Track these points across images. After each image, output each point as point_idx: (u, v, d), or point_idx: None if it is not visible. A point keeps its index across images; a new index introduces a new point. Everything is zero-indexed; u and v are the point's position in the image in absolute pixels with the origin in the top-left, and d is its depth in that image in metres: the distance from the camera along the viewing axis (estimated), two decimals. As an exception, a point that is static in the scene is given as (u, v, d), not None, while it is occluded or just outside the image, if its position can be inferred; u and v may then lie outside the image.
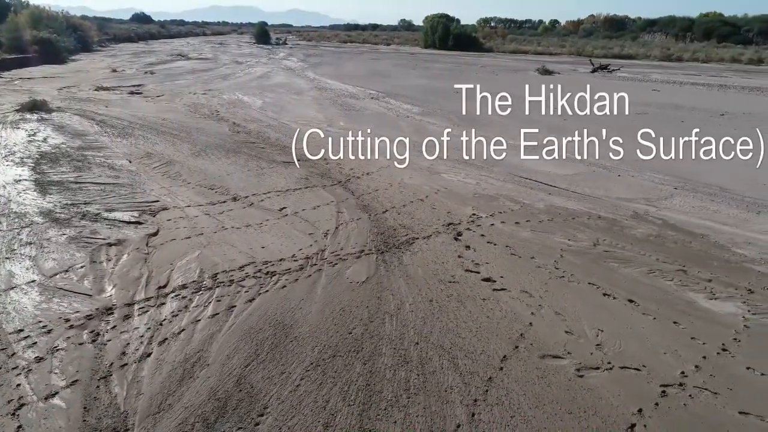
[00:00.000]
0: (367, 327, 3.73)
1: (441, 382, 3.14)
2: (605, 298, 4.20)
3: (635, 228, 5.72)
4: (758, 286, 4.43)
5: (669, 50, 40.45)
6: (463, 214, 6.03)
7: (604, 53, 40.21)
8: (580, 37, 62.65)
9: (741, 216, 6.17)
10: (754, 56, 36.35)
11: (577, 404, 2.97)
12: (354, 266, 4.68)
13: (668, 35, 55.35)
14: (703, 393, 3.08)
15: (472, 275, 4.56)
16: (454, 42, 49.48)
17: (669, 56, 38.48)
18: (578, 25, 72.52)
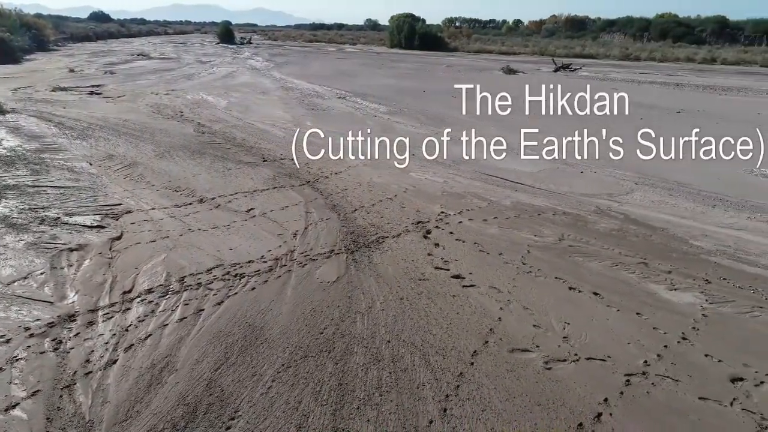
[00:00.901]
0: (338, 326, 3.73)
1: (413, 379, 3.16)
2: (571, 291, 4.30)
3: (598, 223, 5.87)
4: (714, 277, 4.60)
5: (627, 50, 41.62)
6: (431, 212, 6.08)
7: (566, 53, 41.06)
8: (542, 36, 63.83)
9: (698, 209, 6.41)
10: (707, 56, 37.75)
11: (545, 396, 3.03)
12: (324, 266, 4.67)
13: (626, 35, 56.95)
14: (665, 381, 3.19)
15: (442, 272, 4.60)
16: (420, 42, 49.73)
17: (628, 56, 39.59)
18: (541, 25, 73.87)
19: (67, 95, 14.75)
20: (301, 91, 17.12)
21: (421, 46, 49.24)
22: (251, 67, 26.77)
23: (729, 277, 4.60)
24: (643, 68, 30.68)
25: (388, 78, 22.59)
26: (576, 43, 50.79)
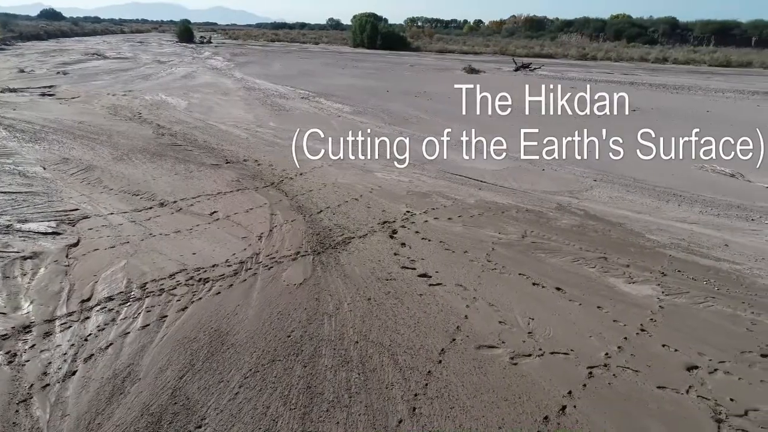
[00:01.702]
0: (305, 329, 3.70)
1: (382, 379, 3.17)
2: (535, 287, 4.39)
3: (560, 219, 6.01)
4: (670, 269, 4.78)
5: (584, 50, 42.76)
6: (397, 212, 6.11)
7: (526, 52, 41.87)
8: (503, 36, 64.87)
9: (653, 204, 6.63)
10: (659, 55, 39.20)
11: (512, 391, 3.09)
12: (290, 269, 4.63)
13: (583, 35, 58.50)
14: (626, 372, 3.30)
15: (409, 272, 4.63)
16: (383, 41, 49.88)
17: (584, 55, 40.68)
18: (501, 25, 75.11)
19: (17, 97, 14.15)
20: (264, 92, 16.92)
21: (384, 45, 49.39)
22: (212, 67, 26.29)
23: (683, 269, 4.78)
24: (599, 67, 31.55)
25: (352, 78, 22.54)
26: (535, 42, 51.89)
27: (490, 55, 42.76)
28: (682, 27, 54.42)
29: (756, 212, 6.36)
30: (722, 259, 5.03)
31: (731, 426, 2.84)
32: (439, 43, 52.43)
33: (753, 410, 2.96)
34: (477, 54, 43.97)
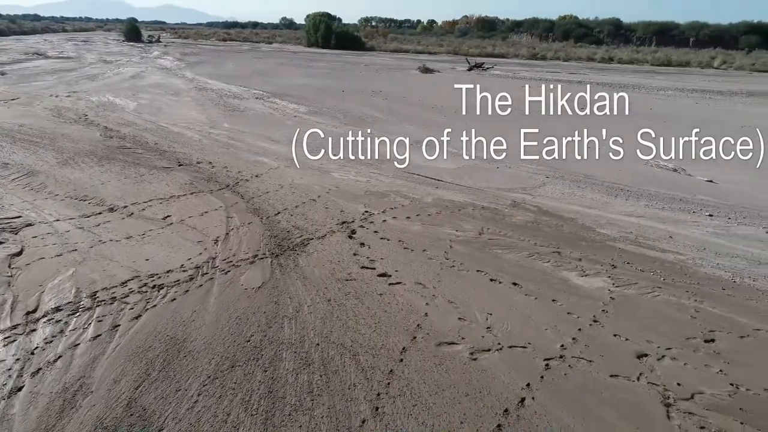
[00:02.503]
0: (265, 333, 3.66)
1: (344, 380, 3.17)
2: (492, 283, 4.48)
3: (515, 216, 6.14)
4: (619, 261, 4.96)
5: (535, 49, 43.88)
6: (356, 212, 6.10)
7: (479, 52, 42.61)
8: (456, 36, 65.84)
9: (603, 199, 6.88)
10: (605, 55, 40.67)
11: (473, 386, 3.14)
12: (248, 272, 4.56)
13: (533, 35, 60.04)
14: (581, 362, 3.41)
15: (368, 271, 4.64)
16: (337, 41, 49.75)
17: (535, 55, 41.73)
18: (454, 25, 76.19)
19: (-50, 98, 13.36)
20: (217, 92, 16.57)
21: (339, 45, 49.28)
22: (161, 66, 25.55)
23: (632, 261, 4.98)
24: (549, 67, 32.43)
25: (307, 77, 22.37)
26: (487, 42, 52.90)
27: (444, 55, 43.29)
28: (626, 28, 56.73)
29: (697, 205, 6.68)
30: (667, 250, 5.26)
31: (679, 409, 2.98)
32: (394, 43, 52.72)
33: (698, 393, 3.12)
34: (431, 54, 44.42)
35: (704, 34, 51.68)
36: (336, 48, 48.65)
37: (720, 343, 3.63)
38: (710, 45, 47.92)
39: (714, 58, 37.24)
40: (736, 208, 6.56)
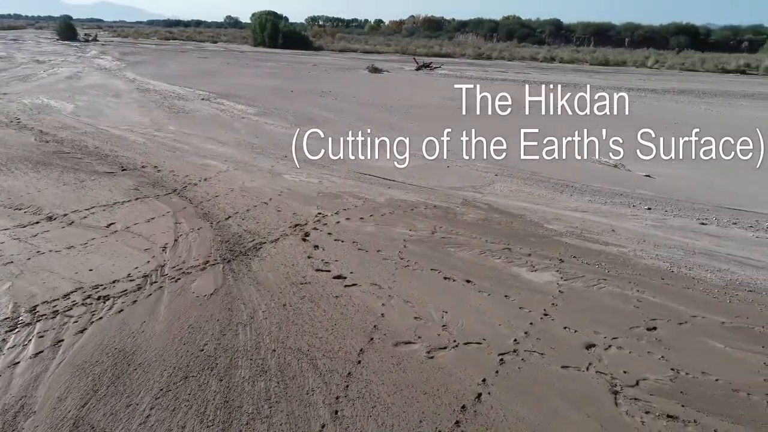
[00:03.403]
0: (219, 341, 3.58)
1: (302, 385, 3.14)
2: (446, 281, 4.55)
3: (466, 214, 6.26)
4: (567, 255, 5.14)
5: (480, 49, 44.80)
6: (309, 214, 6.05)
7: (426, 51, 43.10)
8: (403, 36, 66.37)
9: (549, 196, 7.10)
10: (547, 55, 42.00)
11: (430, 384, 3.18)
12: (199, 279, 4.44)
13: (478, 35, 61.33)
14: (533, 355, 3.51)
15: (323, 274, 4.61)
16: (285, 40, 49.20)
17: (480, 54, 42.61)
18: (401, 25, 76.75)
19: None
20: (160, 93, 16.05)
21: (286, 44, 48.75)
22: (100, 66, 24.51)
23: (578, 255, 5.17)
24: (495, 66, 33.17)
25: (254, 78, 22.00)
26: (434, 42, 53.61)
27: (392, 55, 43.54)
28: (566, 28, 58.84)
29: (636, 199, 7.00)
30: (610, 243, 5.49)
31: (625, 396, 3.12)
32: (342, 43, 52.63)
33: (643, 380, 3.27)
34: (379, 53, 44.61)
35: (638, 34, 54.28)
36: (283, 47, 48.10)
37: (661, 331, 3.83)
38: (644, 45, 50.35)
39: (648, 57, 39.09)
40: (672, 201, 6.92)
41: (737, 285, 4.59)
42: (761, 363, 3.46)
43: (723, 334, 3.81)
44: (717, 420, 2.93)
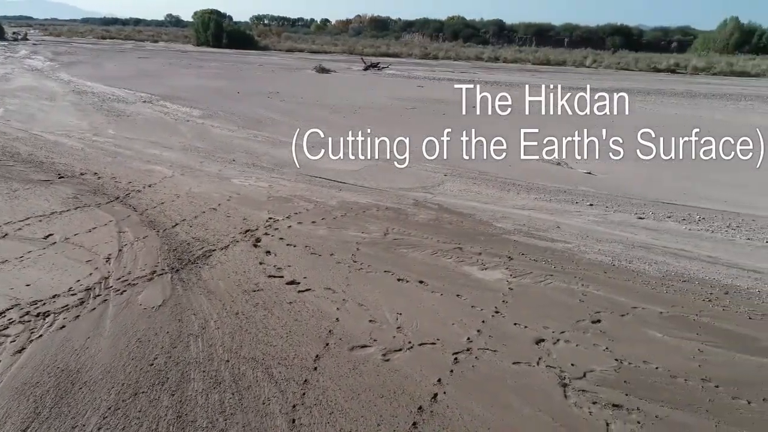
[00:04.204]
0: (170, 354, 3.48)
1: (258, 395, 3.10)
2: (400, 282, 4.59)
3: (417, 215, 6.33)
4: (515, 253, 5.29)
5: (427, 49, 45.35)
6: (259, 219, 5.97)
7: (374, 51, 43.25)
8: (350, 35, 66.30)
9: (497, 195, 7.28)
10: (492, 54, 43.00)
11: (387, 387, 3.21)
12: (146, 290, 4.30)
13: (424, 35, 62.10)
14: (486, 353, 3.60)
15: (276, 280, 4.56)
16: (229, 40, 48.26)
17: (427, 54, 43.14)
18: (347, 25, 76.68)
19: None
20: (98, 96, 15.39)
21: (231, 44, 47.84)
22: (31, 67, 23.26)
23: (526, 252, 5.32)
24: (442, 66, 33.67)
25: (199, 79, 21.45)
26: (381, 42, 53.83)
27: (339, 54, 43.44)
28: (508, 28, 60.42)
29: (579, 195, 7.28)
30: (556, 239, 5.69)
31: (574, 388, 3.25)
32: (288, 42, 52.07)
33: (590, 371, 3.41)
34: (327, 53, 44.45)
35: (577, 35, 56.40)
36: (228, 47, 47.15)
37: (605, 323, 4.00)
38: (582, 45, 52.31)
39: (586, 57, 40.64)
40: (612, 197, 7.24)
41: (673, 276, 4.86)
42: (696, 349, 3.68)
43: (661, 323, 4.03)
44: (658, 406, 3.09)
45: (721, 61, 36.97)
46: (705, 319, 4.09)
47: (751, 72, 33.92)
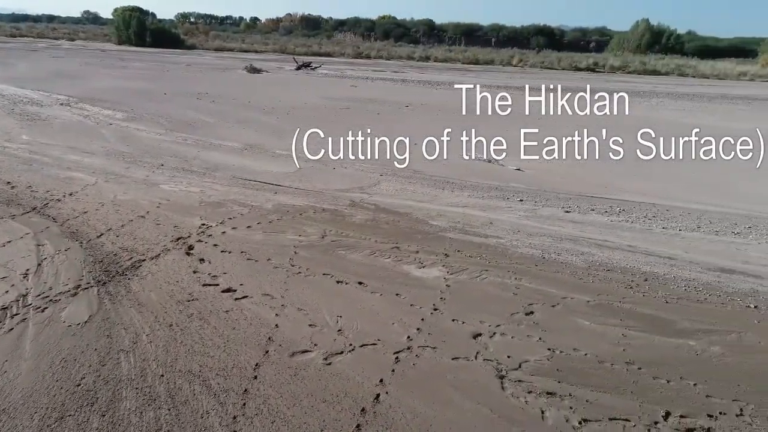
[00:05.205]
0: (99, 372, 3.30)
1: (196, 409, 3.00)
2: (339, 285, 4.59)
3: (354, 215, 6.34)
4: (451, 250, 5.41)
5: (359, 48, 45.46)
6: (191, 226, 5.77)
7: (305, 51, 42.86)
8: (281, 34, 65.34)
9: (432, 193, 7.42)
10: (423, 54, 43.75)
11: (329, 391, 3.20)
12: (70, 306, 4.06)
13: (356, 34, 62.20)
14: (426, 350, 3.66)
15: (211, 288, 4.43)
16: (153, 38, 46.37)
17: (360, 54, 43.28)
18: (278, 23, 75.48)
19: None
20: (9, 98, 14.34)
21: (155, 43, 46.00)
22: (-72, 68, 21.32)
23: (461, 248, 5.46)
24: (374, 65, 33.85)
25: (121, 79, 20.44)
26: (313, 41, 53.42)
27: (271, 54, 42.73)
28: (438, 28, 61.64)
29: (510, 192, 7.54)
30: (489, 235, 5.87)
31: (510, 379, 3.37)
32: (217, 41, 50.62)
33: (525, 362, 3.55)
34: (257, 52, 43.61)
35: (503, 35, 58.42)
36: (153, 46, 45.28)
37: (537, 314, 4.18)
38: (509, 45, 54.28)
39: (513, 56, 42.17)
40: (540, 192, 7.55)
41: (597, 266, 5.14)
42: (620, 335, 3.91)
43: (588, 311, 4.25)
44: (588, 391, 3.27)
45: (635, 61, 39.52)
46: (627, 306, 4.35)
47: (661, 71, 36.50)
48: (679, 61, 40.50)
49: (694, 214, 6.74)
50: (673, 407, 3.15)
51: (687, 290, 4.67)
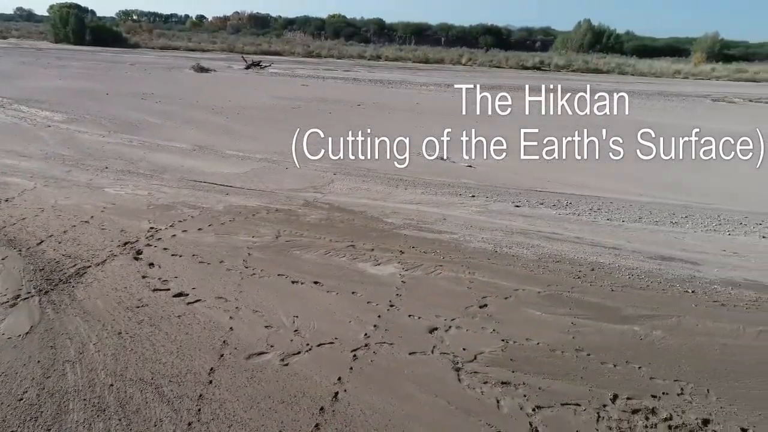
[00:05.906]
0: (42, 385, 3.15)
1: (148, 418, 2.92)
2: (294, 285, 4.55)
3: (308, 215, 6.30)
4: (406, 247, 5.46)
5: (309, 47, 45.15)
6: (139, 230, 5.59)
7: (254, 50, 42.20)
8: (229, 33, 64.01)
9: (386, 191, 7.46)
10: (373, 53, 43.88)
11: (287, 392, 3.17)
12: (9, 318, 3.85)
13: (306, 33, 61.71)
14: (383, 346, 3.69)
15: (162, 293, 4.31)
16: (93, 37, 44.58)
17: (310, 53, 43.01)
18: (225, 22, 73.90)
19: None
20: (-66, 100, 13.45)
21: (96, 41, 44.25)
22: None
23: (416, 245, 5.52)
24: (325, 64, 33.68)
25: (59, 79, 19.54)
26: (262, 39, 52.60)
27: (218, 53, 41.82)
28: (388, 28, 61.91)
29: (461, 188, 7.68)
30: (443, 231, 5.95)
31: (466, 371, 3.44)
32: (162, 40, 49.13)
33: (480, 354, 3.63)
34: (204, 51, 42.60)
35: (452, 34, 59.23)
36: (92, 45, 43.46)
37: (491, 307, 4.27)
38: (457, 44, 55.07)
39: (462, 56, 42.90)
40: (491, 187, 7.72)
41: (547, 257, 5.30)
42: (569, 323, 4.05)
43: (539, 302, 4.38)
44: (540, 379, 3.37)
45: (578, 59, 40.94)
46: (576, 295, 4.52)
47: (603, 69, 37.95)
48: (619, 59, 42.32)
49: (635, 205, 7.06)
50: (620, 390, 3.29)
51: (631, 278, 4.89)
